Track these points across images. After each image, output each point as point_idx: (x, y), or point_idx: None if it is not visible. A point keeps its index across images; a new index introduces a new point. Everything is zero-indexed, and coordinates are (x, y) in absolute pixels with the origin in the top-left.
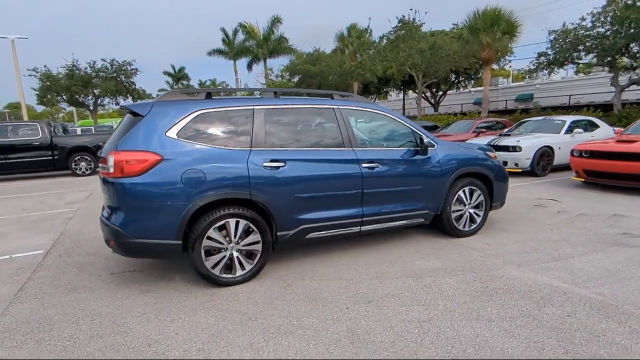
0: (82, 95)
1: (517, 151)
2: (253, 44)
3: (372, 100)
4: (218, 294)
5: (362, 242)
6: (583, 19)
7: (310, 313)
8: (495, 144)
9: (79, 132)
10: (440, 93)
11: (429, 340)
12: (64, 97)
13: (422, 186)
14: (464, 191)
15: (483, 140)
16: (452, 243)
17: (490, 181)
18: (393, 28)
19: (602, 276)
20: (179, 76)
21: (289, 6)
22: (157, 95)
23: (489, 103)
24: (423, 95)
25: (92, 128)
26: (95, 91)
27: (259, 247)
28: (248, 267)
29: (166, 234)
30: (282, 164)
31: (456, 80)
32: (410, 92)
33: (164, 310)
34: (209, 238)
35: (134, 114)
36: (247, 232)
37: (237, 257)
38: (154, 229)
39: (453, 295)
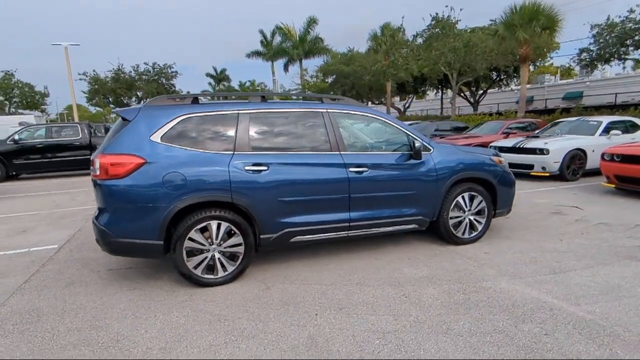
0: (126, 97)
1: (544, 154)
2: (289, 45)
3: (409, 99)
4: (198, 294)
5: (354, 247)
6: (632, 11)
7: (278, 317)
8: (521, 146)
9: None
10: (481, 92)
11: (387, 352)
12: (110, 99)
13: (415, 191)
14: (463, 197)
15: (509, 142)
16: (449, 251)
17: (493, 187)
18: (427, 26)
19: (599, 292)
20: (220, 78)
21: (323, 6)
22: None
23: (535, 102)
24: (462, 94)
25: None
26: (138, 93)
27: (241, 249)
28: (230, 268)
29: (148, 234)
30: (265, 168)
31: (497, 79)
32: (450, 90)
33: (143, 308)
34: (190, 239)
35: (123, 118)
36: (229, 234)
37: (219, 259)
38: (137, 230)
39: (429, 306)
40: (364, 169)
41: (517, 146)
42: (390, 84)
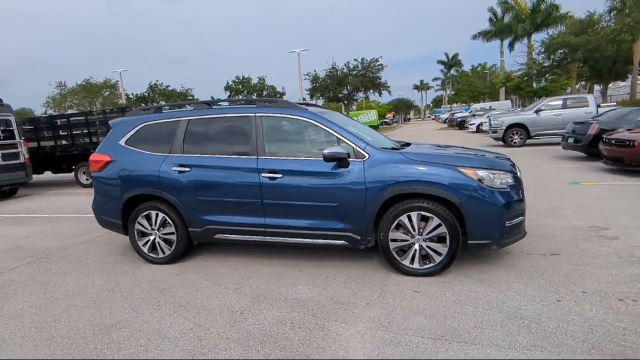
0: (337, 92)
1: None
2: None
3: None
4: (142, 267)
5: (311, 255)
6: None
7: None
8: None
9: None
10: None
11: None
12: (325, 94)
13: (338, 203)
14: (409, 217)
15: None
16: (383, 279)
17: (457, 208)
18: None
19: None
20: (451, 63)
21: None
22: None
23: None
24: None
25: None
26: (348, 87)
27: (174, 237)
28: (167, 252)
29: (114, 215)
30: (188, 169)
31: None
32: None
33: (95, 278)
34: (139, 223)
35: (109, 127)
36: (165, 224)
37: (158, 243)
38: (108, 210)
39: (217, 320)
40: (278, 175)
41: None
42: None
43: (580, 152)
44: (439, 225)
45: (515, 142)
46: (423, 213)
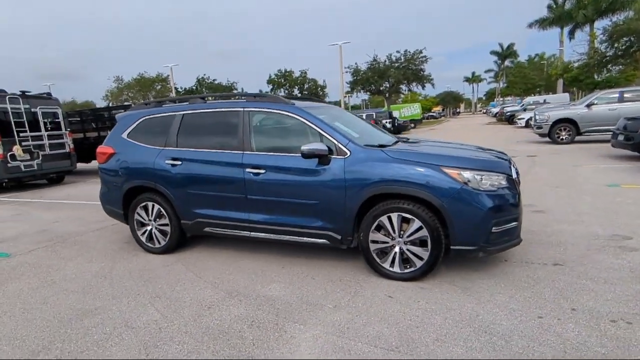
0: (378, 85)
1: None
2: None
3: None
4: (139, 256)
5: (300, 253)
6: None
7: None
8: None
9: None
10: None
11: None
12: (365, 87)
13: (318, 201)
14: (389, 218)
15: None
16: (362, 282)
17: (439, 211)
18: None
19: None
20: (505, 54)
21: None
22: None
23: None
24: None
25: None
26: (390, 80)
27: (168, 228)
28: (162, 242)
29: (116, 204)
30: (179, 162)
31: None
32: None
33: (95, 264)
34: (137, 213)
35: (115, 120)
36: (160, 215)
37: (154, 233)
38: (111, 200)
39: (183, 313)
40: (262, 170)
41: None
42: None
43: (631, 150)
44: (420, 228)
45: (562, 139)
46: (404, 215)
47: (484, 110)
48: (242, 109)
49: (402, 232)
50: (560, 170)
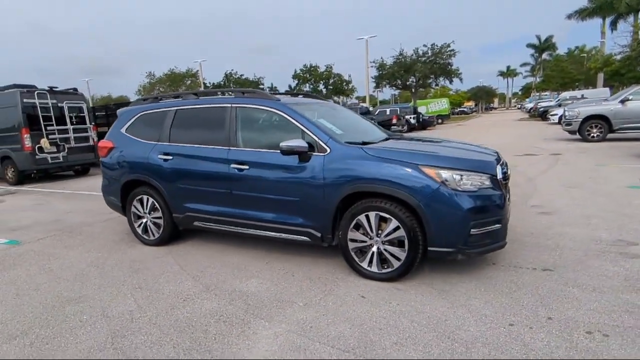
0: (404, 80)
1: None
2: None
3: None
4: (135, 247)
5: (288, 249)
6: None
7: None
8: None
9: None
10: None
11: None
12: (391, 82)
13: (298, 198)
14: (367, 217)
15: None
16: (339, 280)
17: (416, 211)
18: None
19: None
20: (543, 47)
21: None
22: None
23: None
24: None
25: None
26: (416, 74)
27: (161, 221)
28: (156, 235)
29: (116, 196)
30: (170, 157)
31: None
32: None
33: (92, 254)
34: (134, 206)
35: (116, 116)
36: (154, 208)
37: (149, 225)
38: (111, 192)
39: (158, 305)
40: (245, 166)
41: None
42: None
43: None
44: (397, 228)
45: (593, 137)
46: (381, 214)
47: (519, 106)
48: (229, 105)
49: (380, 232)
50: (582, 170)
